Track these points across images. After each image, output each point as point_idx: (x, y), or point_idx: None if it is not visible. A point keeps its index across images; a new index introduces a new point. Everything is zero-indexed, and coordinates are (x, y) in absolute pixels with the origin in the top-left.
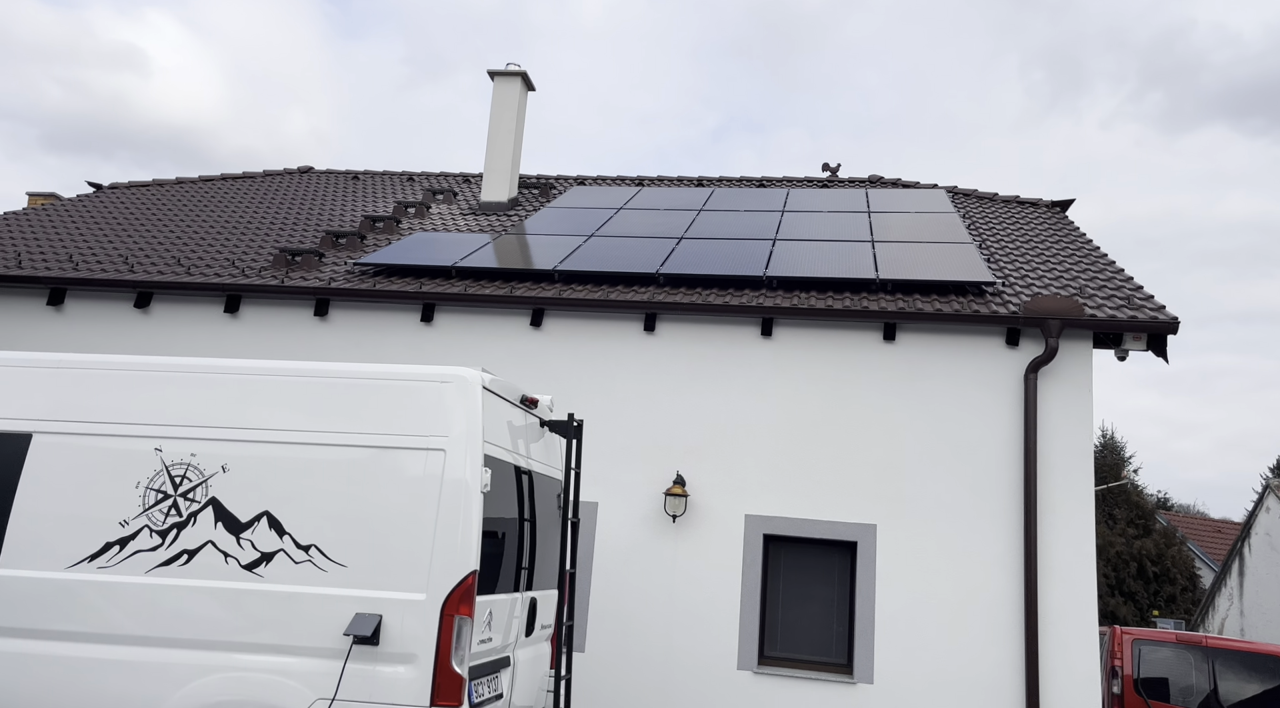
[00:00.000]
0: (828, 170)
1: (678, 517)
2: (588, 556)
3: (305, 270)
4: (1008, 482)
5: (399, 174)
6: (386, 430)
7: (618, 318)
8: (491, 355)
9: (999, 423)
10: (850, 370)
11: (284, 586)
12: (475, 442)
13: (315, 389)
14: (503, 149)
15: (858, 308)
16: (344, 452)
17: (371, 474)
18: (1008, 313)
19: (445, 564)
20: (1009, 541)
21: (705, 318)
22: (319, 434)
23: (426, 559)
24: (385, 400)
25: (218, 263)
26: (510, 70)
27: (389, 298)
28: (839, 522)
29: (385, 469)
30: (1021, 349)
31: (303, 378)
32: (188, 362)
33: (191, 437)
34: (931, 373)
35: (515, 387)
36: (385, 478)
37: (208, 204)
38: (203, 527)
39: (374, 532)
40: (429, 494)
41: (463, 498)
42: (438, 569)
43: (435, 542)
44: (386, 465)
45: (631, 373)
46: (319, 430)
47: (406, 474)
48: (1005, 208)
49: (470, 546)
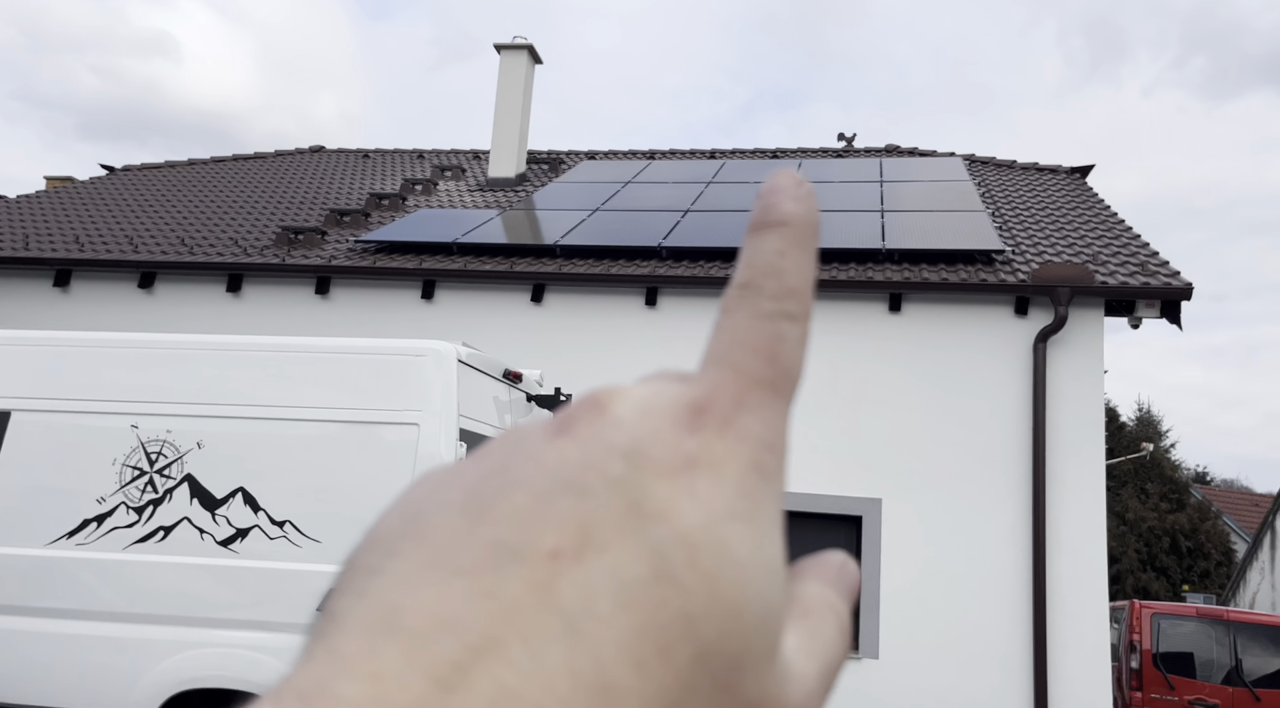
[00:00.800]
0: (843, 140)
1: None
2: None
3: (307, 249)
4: (1017, 454)
5: (409, 152)
6: (360, 405)
7: (619, 292)
8: (492, 332)
9: (1008, 394)
10: (856, 342)
11: (259, 561)
12: (449, 415)
13: (290, 364)
14: (510, 124)
15: (862, 279)
16: (318, 427)
17: (346, 449)
18: (1016, 281)
19: None
20: (1018, 513)
21: (708, 291)
22: (293, 410)
23: None
24: (359, 375)
25: (221, 242)
26: (517, 43)
27: (389, 275)
28: (844, 496)
29: (359, 444)
30: (1031, 318)
31: (277, 353)
32: (164, 338)
33: (167, 413)
34: (939, 344)
35: (497, 361)
36: (359, 453)
37: (217, 185)
38: (178, 503)
39: (348, 507)
40: (402, 469)
41: None
42: None
43: None
44: (360, 440)
45: (633, 348)
46: (293, 406)
47: (380, 449)
48: (1024, 175)
49: None
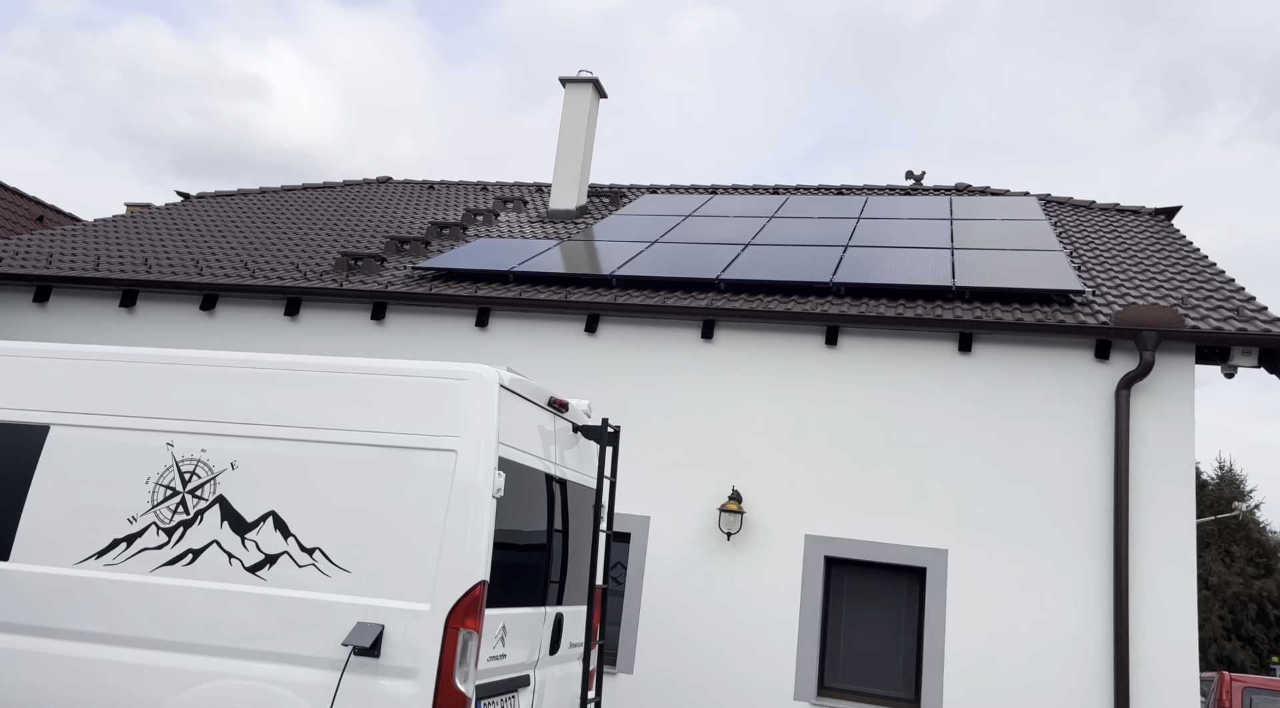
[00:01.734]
0: (911, 178)
1: (732, 534)
2: (638, 572)
3: (365, 274)
4: (1097, 507)
5: (473, 184)
6: (397, 429)
7: (675, 324)
8: (545, 361)
9: (1087, 443)
10: (922, 383)
11: (286, 590)
12: (488, 443)
13: (327, 385)
14: (572, 156)
15: (930, 316)
16: (353, 451)
17: (381, 475)
18: (1097, 323)
19: (451, 573)
20: (1097, 572)
21: (766, 325)
22: (329, 432)
23: (432, 567)
24: (398, 397)
25: (282, 267)
26: (582, 77)
27: (444, 302)
28: (907, 545)
29: (395, 470)
30: (1113, 363)
31: (315, 373)
32: (203, 354)
33: (203, 432)
34: (1012, 388)
35: (542, 388)
36: (394, 479)
37: (285, 212)
38: (209, 526)
39: (381, 536)
40: (438, 497)
41: (472, 502)
42: (443, 578)
43: (442, 548)
44: (396, 466)
45: (688, 382)
46: (329, 427)
47: (415, 476)
48: (1103, 216)
49: (479, 553)
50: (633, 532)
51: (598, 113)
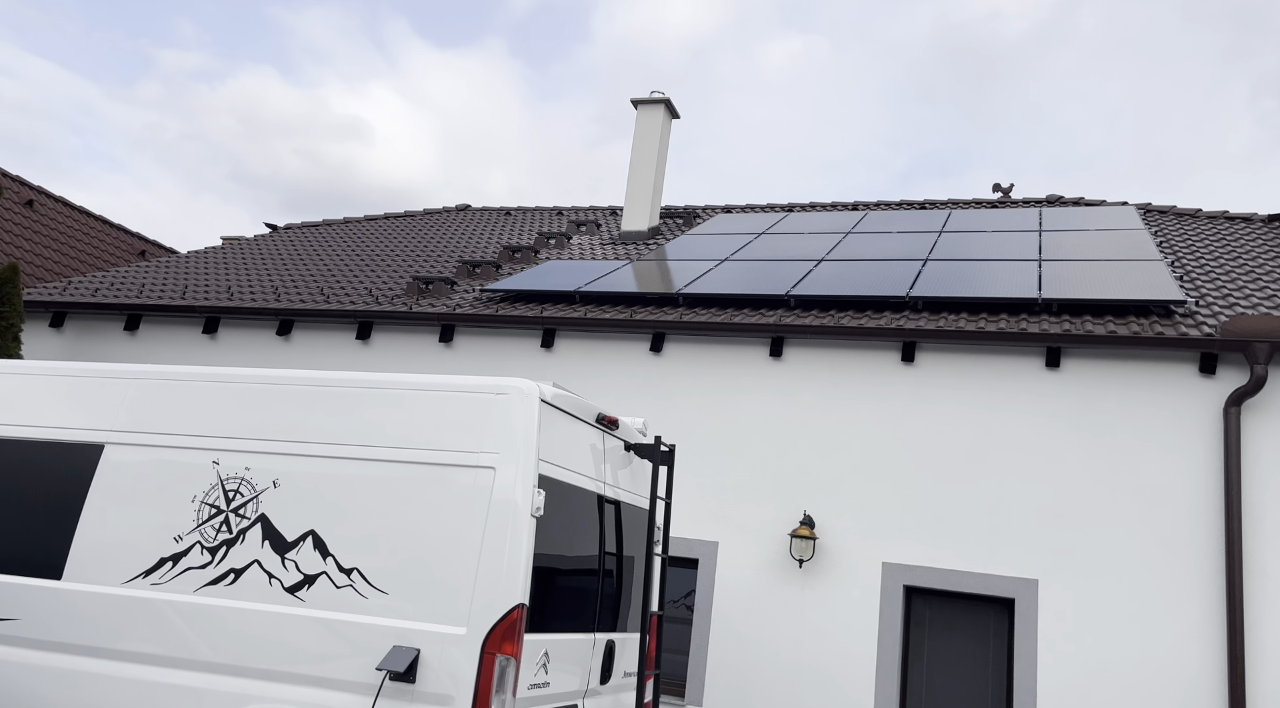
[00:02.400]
0: (999, 191)
1: (804, 561)
2: (707, 600)
3: (435, 297)
4: (1205, 536)
5: (549, 209)
6: (436, 445)
7: (742, 342)
8: (611, 382)
9: (1192, 465)
10: (1006, 401)
11: (323, 611)
12: (528, 460)
13: (367, 401)
14: (644, 177)
15: (1013, 330)
16: (392, 468)
17: (419, 493)
18: (1201, 335)
19: (488, 595)
20: (1207, 607)
21: (838, 342)
22: (368, 448)
23: (469, 589)
24: (437, 413)
25: (356, 292)
26: (654, 98)
27: (510, 323)
28: (993, 575)
29: (433, 488)
30: (1220, 379)
31: (355, 389)
32: (248, 372)
33: (247, 449)
34: (1105, 405)
35: (590, 405)
36: (432, 498)
37: (365, 240)
38: (250, 545)
39: (418, 556)
40: (475, 516)
41: (510, 521)
42: (480, 601)
43: (479, 570)
44: (434, 484)
45: (756, 401)
46: (368, 444)
47: (453, 494)
48: (1210, 225)
49: (516, 575)
50: (701, 558)
51: (670, 134)
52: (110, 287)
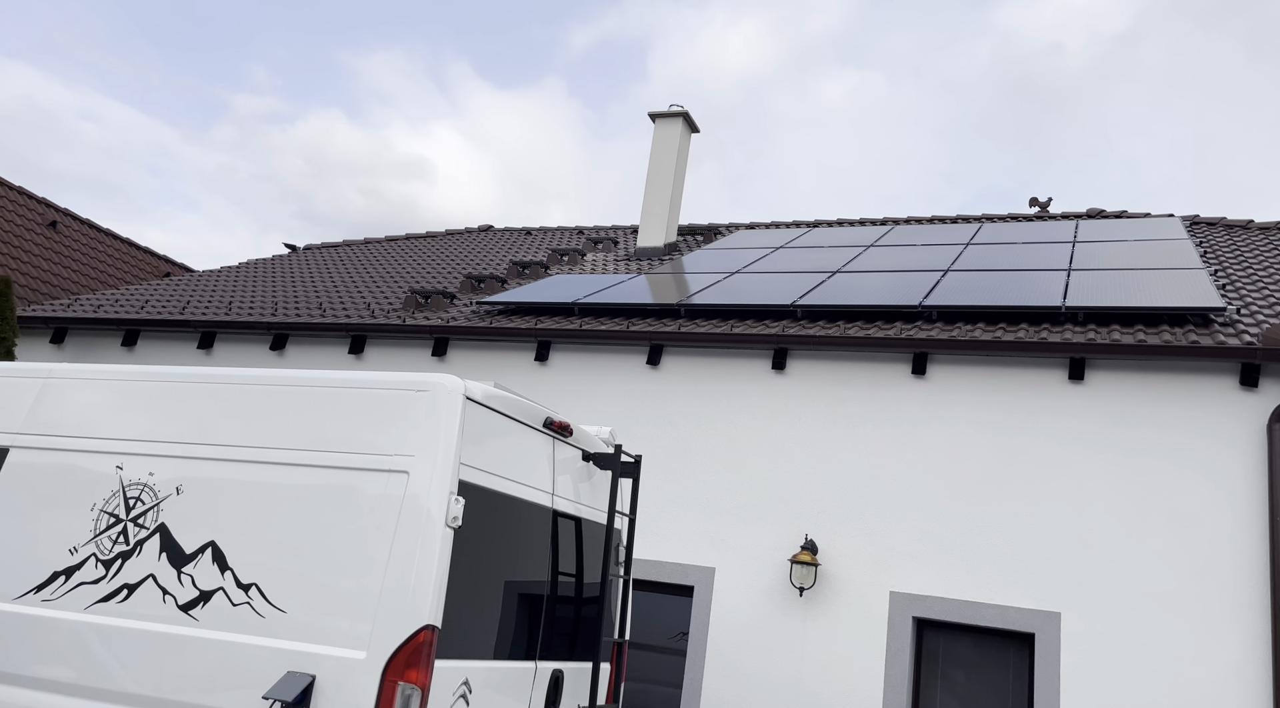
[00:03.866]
0: (1035, 205)
1: (805, 590)
2: (702, 630)
3: (432, 311)
4: (1248, 566)
5: (570, 229)
6: (349, 448)
7: (744, 355)
8: (604, 397)
9: (1231, 487)
10: (1026, 416)
11: (216, 632)
12: (446, 463)
13: (279, 399)
14: (660, 192)
15: (1033, 340)
16: (300, 473)
17: (328, 501)
18: (1241, 344)
19: (393, 616)
20: (1251, 645)
21: (845, 354)
22: (276, 452)
23: (372, 609)
24: (353, 413)
25: (355, 307)
26: (672, 111)
27: (504, 335)
28: (1011, 607)
29: (342, 495)
30: (1263, 392)
31: (268, 387)
32: (157, 370)
33: (153, 453)
34: (1134, 421)
35: (536, 408)
36: (341, 506)
37: (381, 260)
38: (147, 558)
39: (323, 572)
40: (384, 527)
41: (421, 531)
42: (383, 622)
43: (384, 586)
44: (344, 491)
45: (757, 417)
46: (277, 447)
47: (363, 502)
48: (1262, 236)
49: (425, 593)
50: (696, 585)
51: (689, 148)
52: (114, 303)
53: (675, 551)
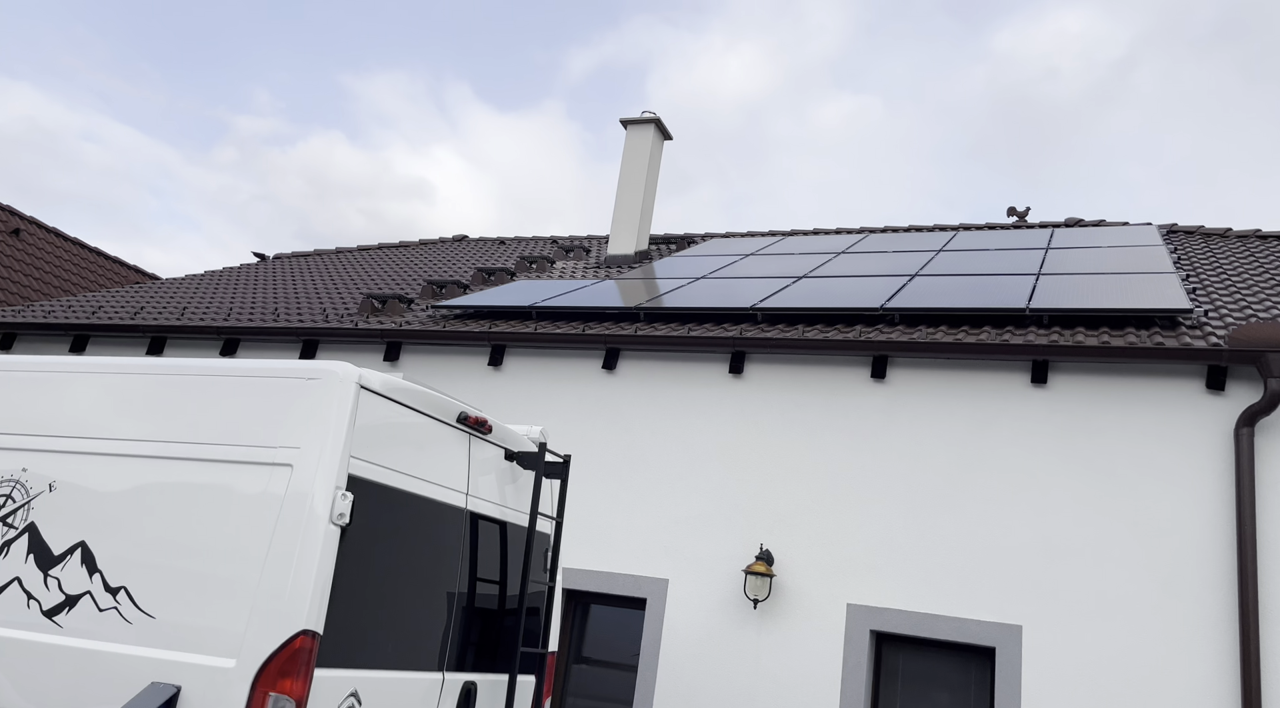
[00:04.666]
0: (1014, 215)
1: (760, 602)
2: (654, 645)
3: (387, 315)
4: (1214, 576)
5: (545, 238)
6: (231, 440)
7: (701, 358)
8: (559, 403)
9: (1199, 495)
10: (988, 421)
11: (80, 640)
12: (333, 456)
13: (160, 389)
14: (631, 199)
15: (994, 342)
16: (180, 468)
17: (207, 498)
18: (1207, 346)
19: (267, 620)
20: (1219, 658)
21: (803, 356)
22: (154, 445)
23: (245, 612)
24: (238, 402)
25: (311, 312)
26: (644, 117)
27: (457, 339)
28: (972, 620)
29: (222, 491)
30: (1230, 396)
31: (148, 376)
32: (35, 359)
33: (27, 447)
34: (1099, 426)
35: (448, 402)
36: (220, 503)
37: (348, 267)
38: (14, 559)
39: (197, 574)
40: (262, 524)
41: (301, 529)
42: (256, 627)
43: (259, 588)
44: (224, 486)
45: (714, 423)
46: (155, 440)
47: (243, 498)
48: (1240, 244)
49: (303, 595)
50: (649, 597)
51: (661, 155)
52: (66, 309)
53: (628, 562)
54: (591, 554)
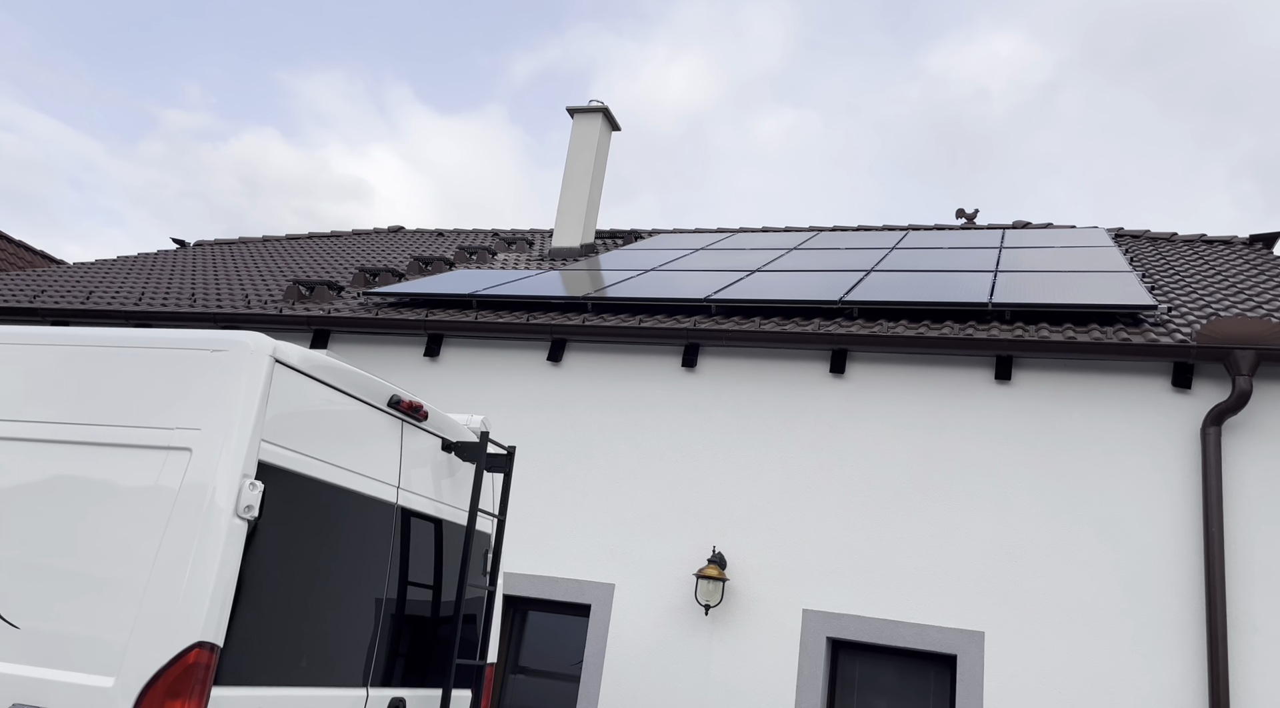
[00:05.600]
0: (962, 217)
1: (712, 607)
2: (598, 653)
3: (314, 302)
4: (1182, 580)
5: (486, 231)
6: (121, 421)
7: (652, 351)
8: (500, 396)
9: (1165, 495)
10: (950, 418)
11: None
12: (240, 439)
13: (46, 363)
14: (578, 191)
15: (958, 336)
16: (61, 453)
17: (92, 487)
18: (1174, 343)
19: (154, 629)
20: (1186, 665)
21: (759, 350)
22: (32, 427)
23: (128, 621)
24: (130, 378)
25: (232, 298)
26: (591, 106)
27: (391, 328)
28: (932, 626)
29: (109, 479)
30: (1197, 394)
31: (31, 347)
32: None
33: None
34: (1063, 425)
35: (378, 384)
36: (106, 494)
37: (276, 256)
38: None
39: (76, 576)
40: (154, 518)
41: (200, 523)
42: (142, 638)
43: (146, 591)
44: (111, 474)
45: (665, 419)
46: (33, 421)
47: (132, 487)
48: (1188, 247)
49: (199, 599)
50: (594, 603)
51: (609, 146)
52: None
53: (572, 566)
54: (533, 558)
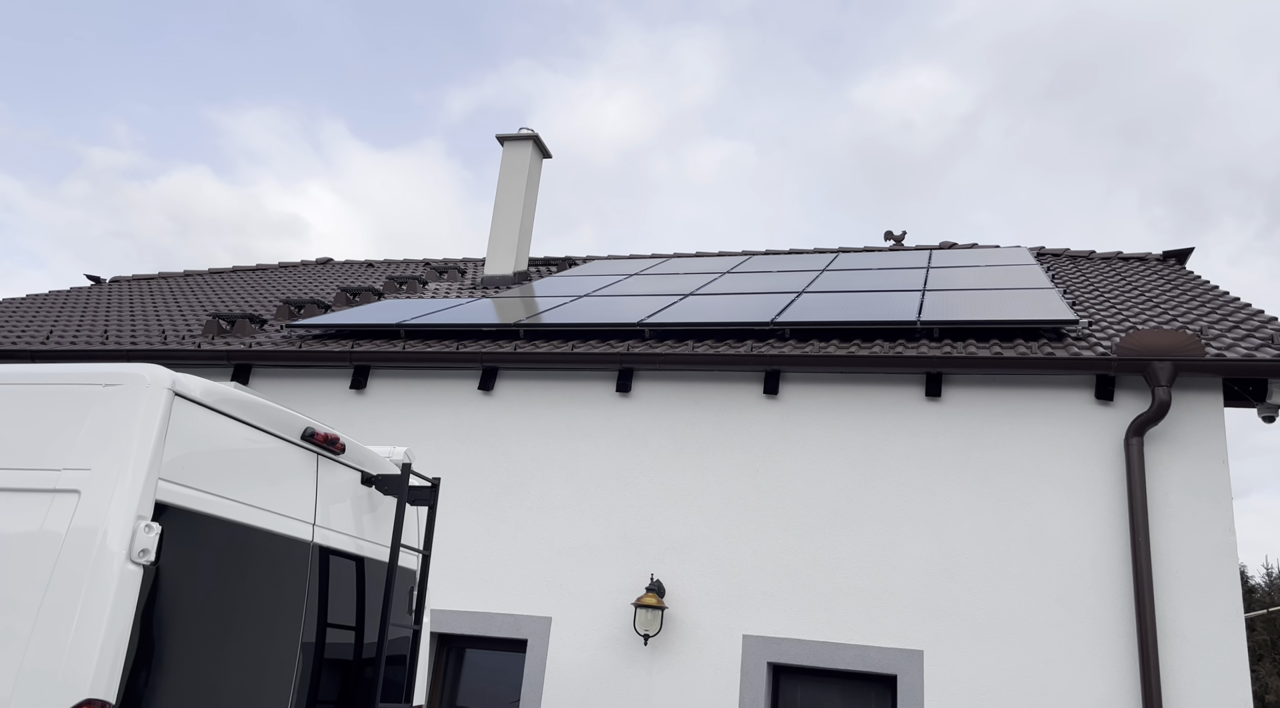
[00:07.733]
0: (890, 239)
1: (650, 637)
2: (535, 690)
3: (235, 336)
4: (1112, 591)
5: (417, 261)
6: (6, 464)
7: (586, 377)
8: (430, 427)
9: (1092, 507)
10: (883, 436)
11: None
12: (135, 478)
13: None
14: (509, 218)
15: (888, 354)
16: None
17: None
18: (1095, 356)
19: (38, 686)
20: (1119, 676)
21: (693, 372)
22: None
23: (9, 677)
24: (11, 416)
25: (147, 334)
26: (521, 134)
27: (315, 360)
28: (872, 647)
29: None
30: (1119, 405)
31: None
32: None
33: None
34: (993, 439)
35: (291, 417)
36: None
37: (198, 290)
38: None
39: None
40: (39, 564)
41: (89, 569)
42: (25, 696)
43: (30, 644)
44: None
45: (600, 446)
46: None
47: (13, 534)
48: (1105, 264)
49: (89, 652)
50: (530, 638)
51: (540, 172)
52: None
53: (508, 600)
54: (467, 593)
